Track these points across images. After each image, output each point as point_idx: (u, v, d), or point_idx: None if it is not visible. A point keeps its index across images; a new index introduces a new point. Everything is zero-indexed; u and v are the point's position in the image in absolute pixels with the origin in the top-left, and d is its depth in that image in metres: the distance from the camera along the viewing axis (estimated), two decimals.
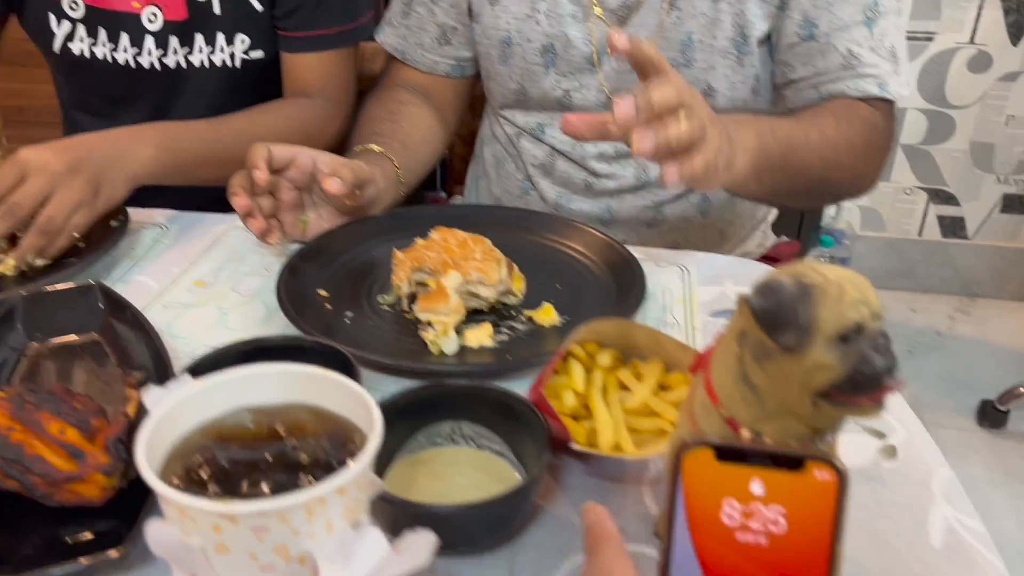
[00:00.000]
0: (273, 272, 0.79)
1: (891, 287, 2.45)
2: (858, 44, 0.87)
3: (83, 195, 0.80)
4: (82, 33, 1.03)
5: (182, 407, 0.40)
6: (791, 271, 0.38)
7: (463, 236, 0.76)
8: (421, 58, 1.05)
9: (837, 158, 0.86)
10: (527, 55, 0.97)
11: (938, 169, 2.31)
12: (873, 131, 0.89)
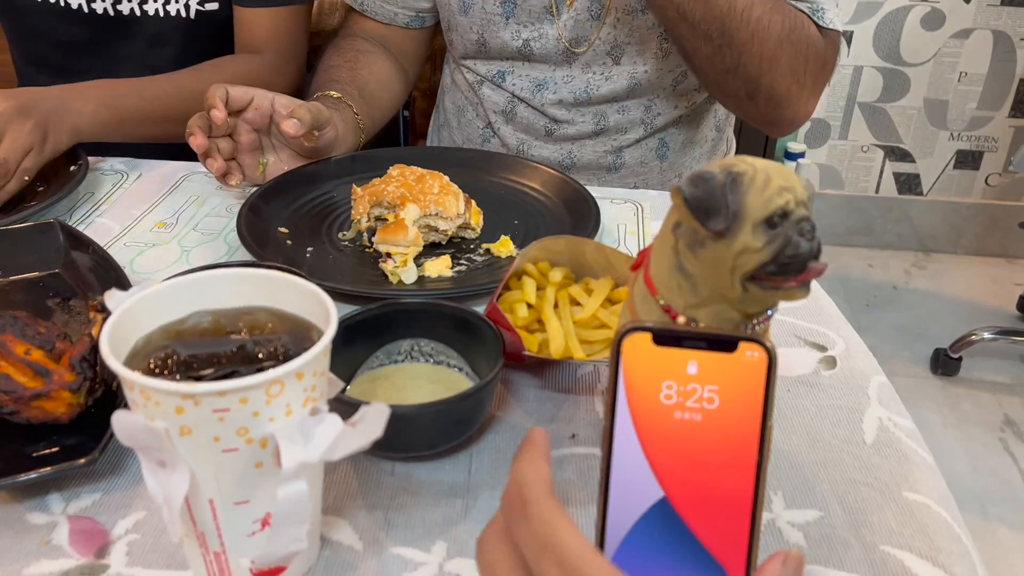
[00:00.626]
0: (234, 213, 0.80)
1: (850, 244, 2.51)
2: None
3: (32, 139, 0.80)
4: None
5: (144, 306, 0.42)
6: (721, 162, 0.40)
7: (421, 172, 0.78)
8: (380, 9, 1.06)
9: (746, 14, 0.82)
10: (487, 6, 0.98)
11: (894, 126, 2.36)
12: (797, 29, 0.85)
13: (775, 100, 0.88)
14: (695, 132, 1.07)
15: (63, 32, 1.05)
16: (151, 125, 0.95)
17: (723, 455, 0.35)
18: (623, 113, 1.01)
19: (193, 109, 0.84)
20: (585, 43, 0.97)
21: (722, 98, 0.95)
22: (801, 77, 0.87)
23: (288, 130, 0.80)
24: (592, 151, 1.04)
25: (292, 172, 0.84)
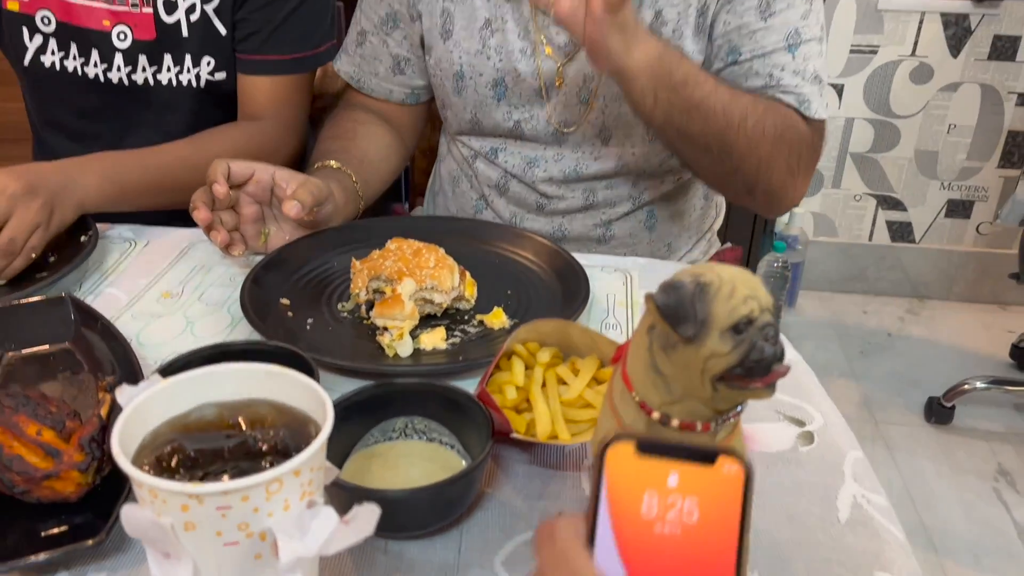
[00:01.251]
0: (238, 283, 0.83)
1: (844, 290, 2.54)
2: (780, 68, 0.91)
3: (39, 217, 0.83)
4: (53, 46, 1.07)
5: (152, 402, 0.45)
6: (691, 271, 0.43)
7: (418, 245, 0.81)
8: (376, 86, 1.10)
9: (742, 125, 0.86)
10: (479, 88, 1.02)
11: (885, 176, 2.40)
12: (789, 128, 0.90)
13: (772, 193, 0.93)
14: (683, 203, 1.10)
15: (80, 98, 1.10)
16: (153, 196, 0.98)
17: (701, 570, 0.36)
18: (611, 189, 1.05)
19: (194, 179, 0.88)
20: (574, 125, 1.01)
21: (722, 193, 0.99)
22: (795, 170, 0.92)
23: (289, 212, 0.83)
24: (582, 224, 1.07)
25: (293, 244, 0.88)
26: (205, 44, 1.05)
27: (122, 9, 1.03)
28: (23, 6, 1.04)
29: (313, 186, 0.88)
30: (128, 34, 1.04)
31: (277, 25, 1.05)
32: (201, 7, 1.03)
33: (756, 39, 0.92)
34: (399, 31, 1.05)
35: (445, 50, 1.03)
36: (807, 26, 0.92)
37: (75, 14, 1.04)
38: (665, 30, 0.94)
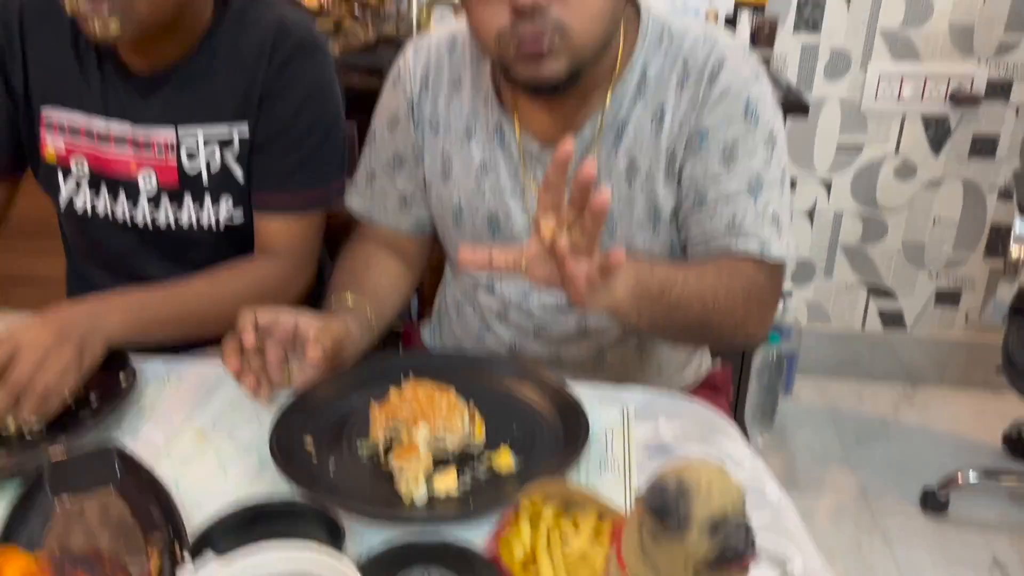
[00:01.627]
0: (264, 420, 0.90)
1: (839, 376, 2.60)
2: (743, 212, 0.99)
3: (70, 361, 0.91)
4: (86, 191, 1.16)
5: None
6: (675, 472, 0.50)
7: (431, 389, 0.88)
8: (385, 220, 1.18)
9: (716, 302, 0.95)
10: (476, 223, 1.11)
11: (875, 266, 2.49)
12: (753, 285, 0.98)
13: (746, 339, 1.02)
14: None
15: (109, 236, 1.19)
16: (175, 329, 1.06)
17: None
18: (602, 317, 1.12)
19: (212, 313, 0.97)
20: None
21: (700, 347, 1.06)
22: (765, 318, 1.01)
23: (311, 357, 0.91)
24: (577, 349, 1.14)
25: (315, 386, 0.95)
26: (224, 188, 1.14)
27: (148, 157, 1.13)
28: (59, 157, 1.14)
29: (333, 329, 0.96)
30: (153, 178, 1.13)
31: (291, 167, 1.14)
32: (220, 154, 1.13)
33: (720, 184, 1.00)
34: (405, 171, 1.15)
35: (445, 189, 1.12)
36: (768, 172, 1.00)
37: (106, 163, 1.14)
38: (639, 176, 1.03)
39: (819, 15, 2.25)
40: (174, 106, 1.11)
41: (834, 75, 2.29)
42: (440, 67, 1.11)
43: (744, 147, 0.99)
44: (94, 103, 1.12)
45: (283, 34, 1.10)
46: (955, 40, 2.23)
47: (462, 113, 1.10)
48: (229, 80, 1.11)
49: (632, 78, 1.02)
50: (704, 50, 1.00)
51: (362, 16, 2.14)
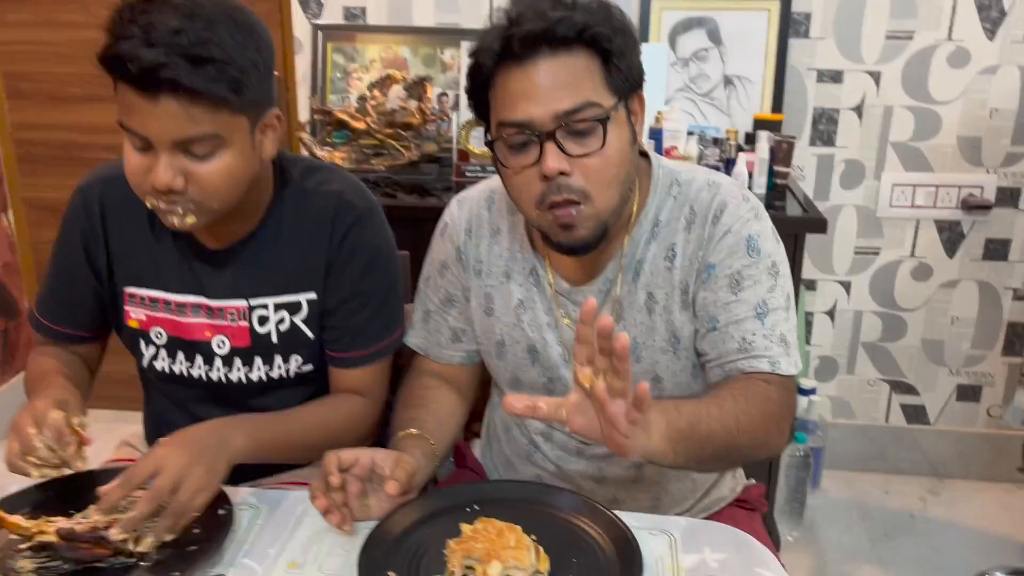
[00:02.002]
0: (347, 550, 1.01)
1: (865, 470, 2.66)
2: (752, 333, 1.10)
3: (202, 482, 1.03)
4: (164, 355, 1.28)
5: None
6: None
7: (500, 526, 0.99)
8: (440, 354, 1.32)
9: (739, 426, 1.02)
10: (516, 353, 1.24)
11: (896, 363, 2.58)
12: (769, 402, 1.07)
13: (768, 453, 1.11)
14: None
15: (185, 391, 1.30)
16: (282, 454, 1.21)
17: None
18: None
19: (311, 439, 1.15)
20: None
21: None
22: (783, 430, 1.09)
23: (391, 491, 1.03)
24: (618, 465, 1.25)
25: (391, 518, 1.05)
26: (293, 347, 1.26)
27: (222, 323, 1.24)
28: (141, 324, 1.26)
29: (407, 463, 1.07)
30: (226, 343, 1.25)
31: (359, 327, 1.26)
32: (290, 319, 1.24)
33: (730, 310, 1.11)
34: (455, 309, 1.29)
35: (488, 323, 1.26)
36: (773, 298, 1.11)
37: (183, 329, 1.25)
38: (657, 307, 1.16)
39: (833, 130, 2.39)
40: (244, 279, 1.22)
41: (850, 184, 2.43)
42: (480, 219, 1.26)
43: (749, 277, 1.11)
44: (171, 281, 1.23)
45: (342, 208, 1.22)
46: (964, 151, 2.37)
47: (501, 258, 1.25)
48: (294, 253, 1.22)
49: (646, 223, 1.16)
50: (708, 196, 1.14)
51: (405, 136, 2.30)
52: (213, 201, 1.10)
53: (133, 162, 1.08)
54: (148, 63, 0.98)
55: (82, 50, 2.59)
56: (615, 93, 1.06)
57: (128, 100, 1.03)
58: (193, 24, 1.00)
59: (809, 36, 2.32)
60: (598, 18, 1.04)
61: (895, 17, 2.28)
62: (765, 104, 2.33)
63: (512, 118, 1.05)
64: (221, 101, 1.03)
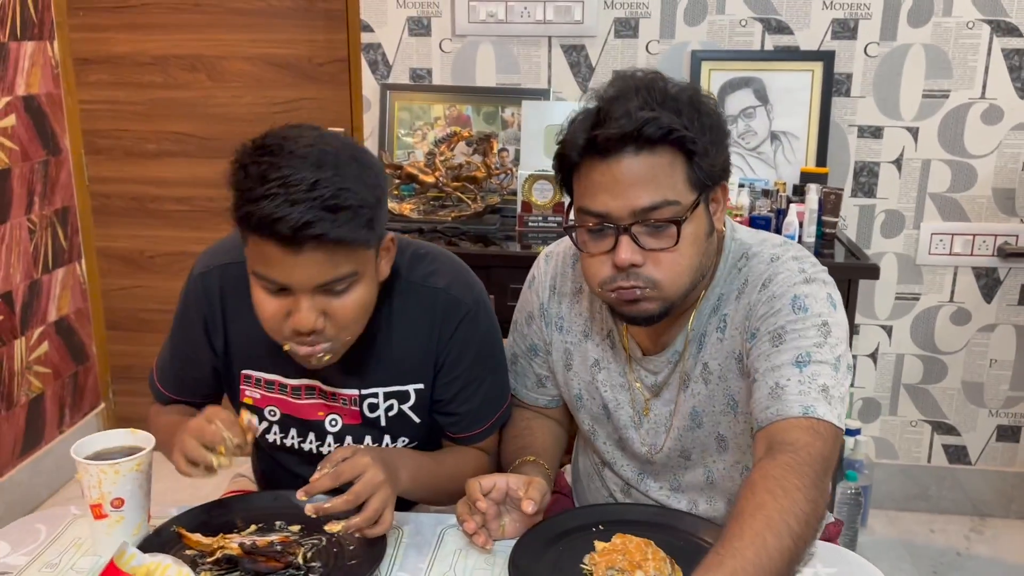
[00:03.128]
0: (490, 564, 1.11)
1: (910, 509, 2.74)
2: (787, 379, 1.05)
3: (381, 481, 1.12)
4: (276, 430, 1.32)
5: None
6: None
7: (637, 540, 1.09)
8: (526, 396, 1.41)
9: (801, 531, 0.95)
10: (593, 409, 1.33)
11: (937, 404, 2.68)
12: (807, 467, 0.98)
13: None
14: None
15: (296, 461, 1.37)
16: (423, 494, 1.29)
17: None
18: (711, 503, 1.30)
19: (450, 486, 1.25)
20: (658, 449, 1.29)
21: None
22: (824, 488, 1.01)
23: (528, 510, 1.13)
24: (691, 474, 1.30)
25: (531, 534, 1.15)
26: (401, 430, 1.31)
27: (335, 405, 1.29)
28: (256, 401, 1.30)
29: (539, 485, 1.17)
30: (339, 421, 1.30)
31: (476, 410, 1.32)
32: (399, 407, 1.29)
33: (770, 359, 1.09)
34: (539, 358, 1.38)
35: (567, 377, 1.35)
36: (819, 353, 1.07)
37: (297, 409, 1.30)
38: (713, 376, 1.20)
39: (874, 182, 2.53)
40: (356, 369, 1.25)
41: (890, 233, 2.56)
42: (565, 276, 1.32)
43: (792, 331, 1.09)
44: (286, 368, 1.26)
45: (450, 307, 1.25)
46: (998, 202, 2.50)
47: (581, 316, 1.31)
48: (402, 346, 1.26)
49: (712, 296, 1.20)
50: (763, 268, 1.16)
51: (471, 188, 2.44)
52: (348, 334, 1.14)
53: (270, 308, 1.10)
54: (296, 222, 1.00)
55: (158, 109, 2.79)
56: (696, 188, 1.09)
57: (267, 252, 1.04)
58: (325, 174, 1.02)
59: (850, 95, 2.47)
60: (686, 118, 1.06)
61: (931, 77, 2.44)
62: (810, 158, 2.47)
63: (591, 208, 1.09)
64: (358, 242, 1.06)
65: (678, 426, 1.26)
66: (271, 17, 2.68)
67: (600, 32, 2.50)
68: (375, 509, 1.10)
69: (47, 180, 2.74)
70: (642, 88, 1.07)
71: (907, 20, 2.40)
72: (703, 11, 2.46)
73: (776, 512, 0.95)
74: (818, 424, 1.03)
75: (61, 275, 2.82)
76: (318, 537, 1.15)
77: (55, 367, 2.81)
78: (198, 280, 1.29)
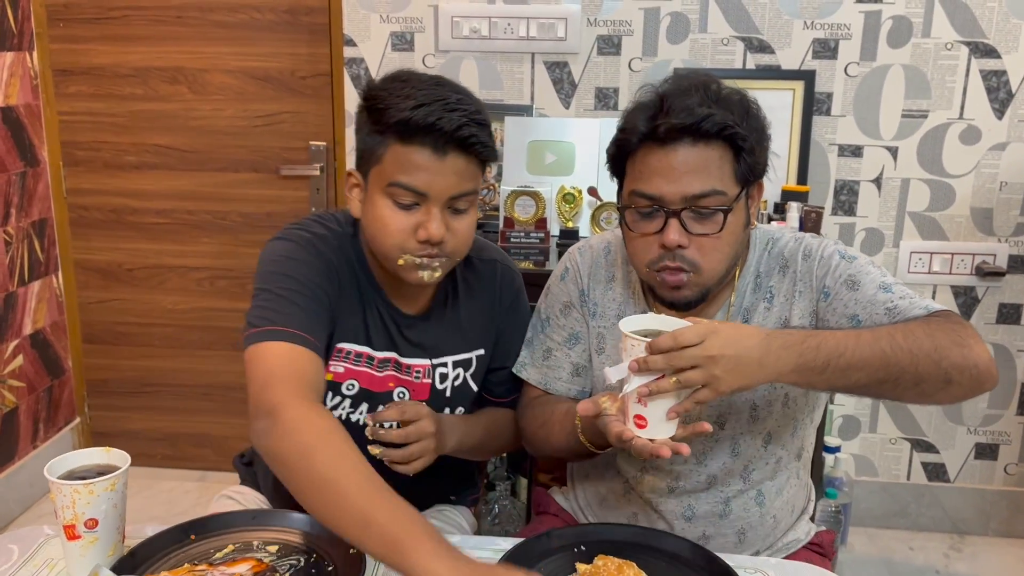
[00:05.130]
0: None
1: (889, 526, 2.75)
2: (890, 302, 1.17)
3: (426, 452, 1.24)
4: (347, 405, 1.33)
5: None
6: None
7: (618, 562, 1.08)
8: (560, 388, 1.41)
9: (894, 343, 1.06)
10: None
11: (916, 422, 2.69)
12: (929, 318, 1.12)
13: (963, 369, 1.09)
14: (782, 482, 1.36)
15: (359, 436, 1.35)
16: (466, 454, 1.38)
17: None
18: (729, 476, 1.32)
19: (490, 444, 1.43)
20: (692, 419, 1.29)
21: (940, 402, 1.16)
22: (962, 340, 1.10)
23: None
24: (706, 502, 1.33)
25: (509, 555, 1.14)
26: (460, 399, 1.40)
27: (406, 379, 1.35)
28: (336, 376, 1.30)
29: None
30: (406, 394, 1.35)
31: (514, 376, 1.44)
32: (464, 375, 1.38)
33: (861, 302, 1.19)
34: (580, 346, 1.40)
35: (598, 361, 1.37)
36: (888, 278, 1.22)
37: (374, 382, 1.33)
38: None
39: (854, 200, 2.55)
40: (429, 340, 1.36)
41: (870, 251, 2.57)
42: (599, 265, 1.39)
43: (859, 273, 1.22)
44: (372, 338, 1.32)
45: (506, 276, 1.42)
46: (977, 222, 2.53)
47: (615, 302, 1.37)
48: (469, 318, 1.39)
49: (748, 276, 1.31)
50: (794, 245, 1.30)
51: None
52: (459, 254, 1.25)
53: (398, 221, 1.20)
54: (454, 126, 1.14)
55: (139, 121, 2.77)
56: (740, 182, 1.20)
57: (414, 159, 1.17)
58: (465, 95, 1.19)
59: (831, 114, 2.49)
60: (738, 117, 1.17)
61: (910, 97, 2.46)
62: (791, 176, 2.49)
63: (646, 191, 1.19)
64: (489, 159, 1.21)
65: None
66: (254, 30, 2.67)
67: (583, 49, 2.51)
68: (412, 453, 1.23)
69: (24, 192, 2.70)
70: (700, 86, 1.18)
71: (887, 41, 2.43)
72: (685, 29, 2.48)
73: (885, 328, 1.10)
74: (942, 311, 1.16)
75: (37, 288, 2.78)
76: (296, 558, 1.13)
77: (29, 381, 2.77)
78: (319, 242, 1.27)
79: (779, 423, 1.32)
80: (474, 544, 1.23)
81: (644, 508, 1.37)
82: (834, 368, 1.08)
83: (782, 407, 1.30)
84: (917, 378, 1.08)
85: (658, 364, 1.06)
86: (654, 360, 1.06)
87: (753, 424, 1.31)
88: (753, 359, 1.07)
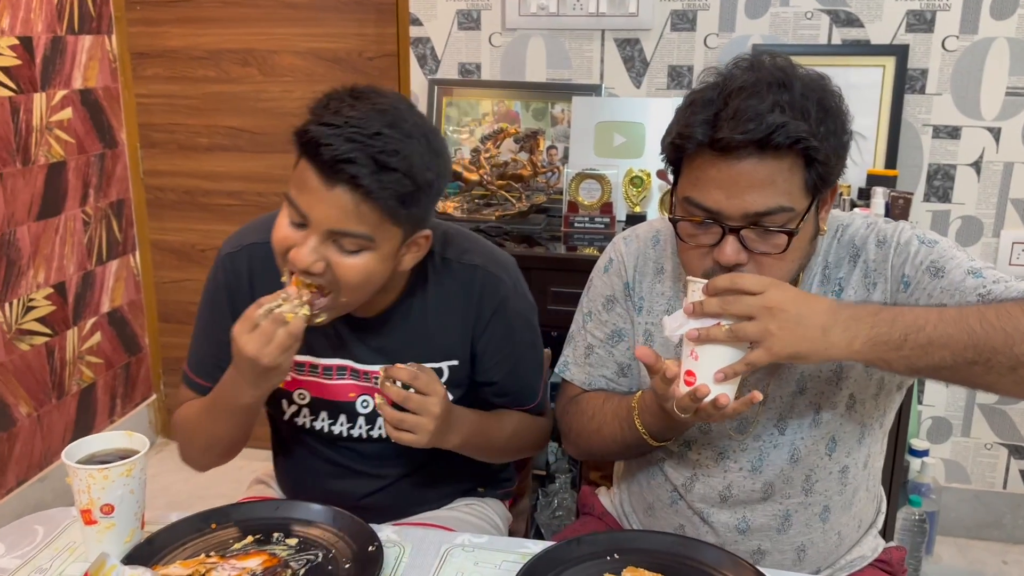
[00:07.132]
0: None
1: (981, 537, 2.55)
2: (983, 287, 1.04)
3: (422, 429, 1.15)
4: (306, 413, 1.30)
5: None
6: None
7: (647, 575, 0.99)
8: (606, 385, 1.31)
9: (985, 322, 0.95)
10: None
11: (1015, 426, 2.48)
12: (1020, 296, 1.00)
13: None
14: (849, 496, 1.24)
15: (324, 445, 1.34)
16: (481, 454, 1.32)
17: None
18: (788, 483, 1.21)
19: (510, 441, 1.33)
20: (751, 421, 1.20)
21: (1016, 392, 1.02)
22: None
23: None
24: (763, 514, 1.22)
25: (538, 562, 1.07)
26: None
27: (367, 385, 1.27)
28: (284, 384, 1.26)
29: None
30: (370, 403, 1.28)
31: (528, 382, 1.35)
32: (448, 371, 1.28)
33: (945, 288, 1.06)
34: (624, 343, 1.30)
35: (639, 367, 1.26)
36: (976, 262, 1.08)
37: (327, 391, 1.27)
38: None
39: (949, 186, 2.36)
40: (389, 346, 1.25)
41: (966, 241, 2.38)
42: (646, 257, 1.28)
43: (942, 258, 1.09)
44: (322, 346, 1.25)
45: (488, 284, 1.26)
46: None
47: (664, 296, 1.26)
48: (437, 323, 1.26)
49: (816, 267, 1.18)
50: (866, 231, 1.17)
51: (516, 187, 2.36)
52: (344, 296, 1.12)
53: (283, 232, 1.11)
54: (339, 154, 1.02)
55: (211, 103, 2.79)
56: (811, 193, 1.05)
57: (305, 177, 1.06)
58: (391, 133, 1.05)
59: (925, 92, 2.31)
60: (814, 122, 1.01)
61: (1015, 74, 2.25)
62: (879, 160, 2.31)
63: (702, 202, 1.05)
64: (388, 209, 1.07)
65: (777, 395, 1.19)
66: (322, 11, 2.66)
67: (656, 25, 2.40)
68: (403, 419, 1.14)
69: (103, 173, 2.77)
70: (774, 84, 1.01)
71: (990, 12, 2.22)
72: (766, 2, 2.33)
73: (974, 306, 1.00)
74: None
75: (115, 267, 2.86)
76: (314, 553, 1.09)
77: (107, 357, 2.85)
78: (225, 260, 1.28)
79: (844, 427, 1.20)
80: (503, 546, 1.16)
81: (693, 519, 1.26)
82: (912, 344, 0.97)
83: (847, 409, 1.19)
84: (1014, 361, 0.95)
85: (712, 307, 0.99)
86: (709, 303, 0.99)
87: (815, 428, 1.19)
88: (816, 324, 0.98)
